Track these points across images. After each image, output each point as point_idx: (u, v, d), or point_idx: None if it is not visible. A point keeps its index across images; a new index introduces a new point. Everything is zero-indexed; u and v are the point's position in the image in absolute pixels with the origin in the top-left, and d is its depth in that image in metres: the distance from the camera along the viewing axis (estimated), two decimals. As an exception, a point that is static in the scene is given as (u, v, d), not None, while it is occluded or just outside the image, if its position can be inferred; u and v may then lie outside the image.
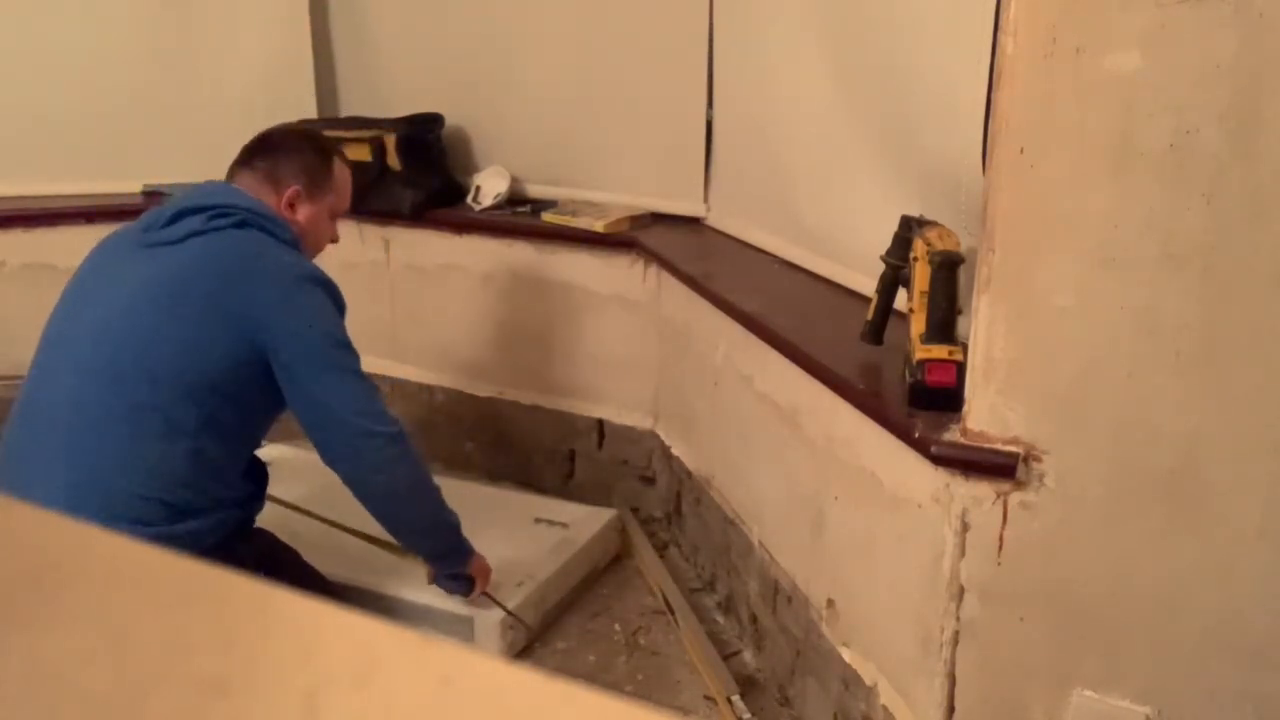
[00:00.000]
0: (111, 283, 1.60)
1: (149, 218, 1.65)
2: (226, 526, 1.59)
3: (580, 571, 2.14)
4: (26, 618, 0.33)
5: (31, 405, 1.58)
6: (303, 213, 1.72)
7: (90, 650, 0.31)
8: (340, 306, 1.66)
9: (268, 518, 1.79)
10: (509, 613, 1.87)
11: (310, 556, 1.83)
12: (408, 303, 2.68)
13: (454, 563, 1.80)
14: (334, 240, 1.84)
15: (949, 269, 1.30)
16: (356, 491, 1.63)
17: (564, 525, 2.22)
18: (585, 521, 2.24)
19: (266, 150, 1.73)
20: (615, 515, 2.29)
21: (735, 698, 1.73)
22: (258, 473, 1.72)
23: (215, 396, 1.54)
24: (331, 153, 1.78)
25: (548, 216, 2.45)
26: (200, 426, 1.53)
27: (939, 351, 1.29)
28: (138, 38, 2.68)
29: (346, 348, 1.61)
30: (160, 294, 1.55)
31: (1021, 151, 1.09)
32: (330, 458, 1.60)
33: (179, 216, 1.61)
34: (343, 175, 1.80)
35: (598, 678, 1.87)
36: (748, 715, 1.70)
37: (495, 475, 2.62)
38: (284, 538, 1.82)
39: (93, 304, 1.59)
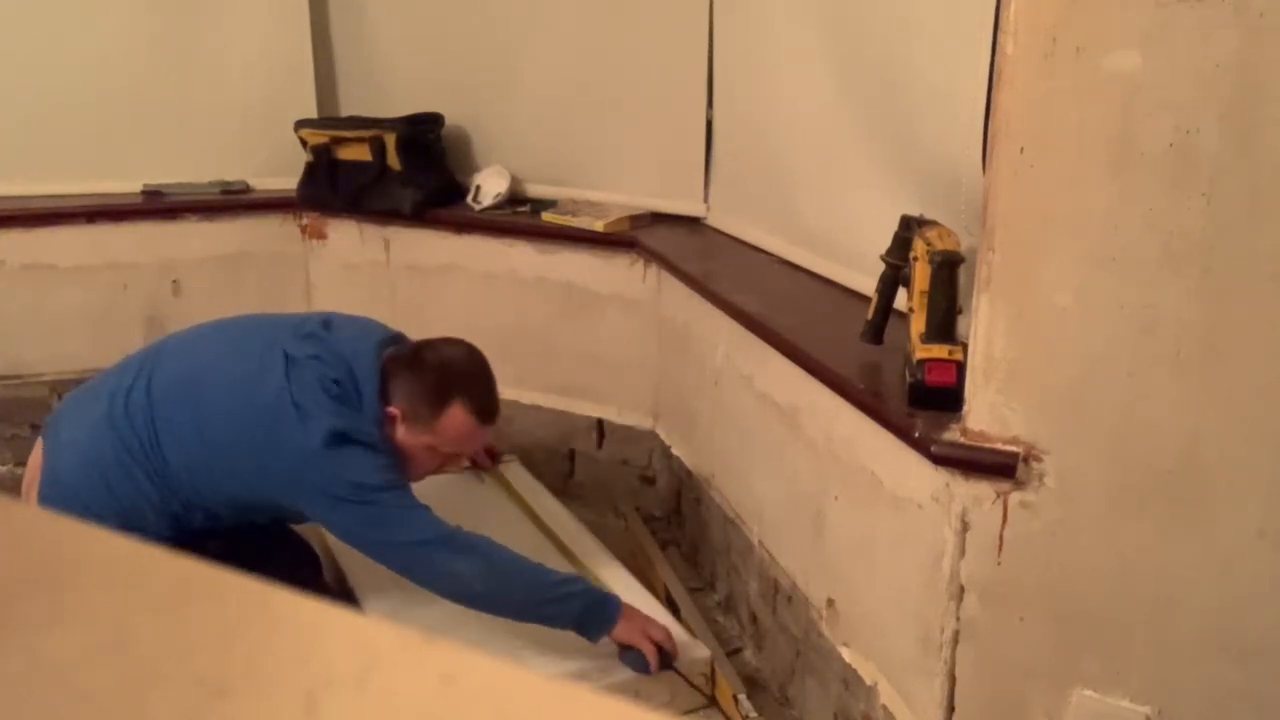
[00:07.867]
0: (230, 335, 1.72)
1: (304, 322, 1.72)
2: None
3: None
4: (26, 618, 0.33)
5: (101, 380, 1.73)
6: (399, 432, 1.65)
7: (90, 650, 0.31)
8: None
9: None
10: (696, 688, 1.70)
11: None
12: (408, 302, 2.67)
13: (598, 623, 1.59)
14: (442, 471, 1.77)
15: (949, 269, 1.30)
16: (450, 599, 1.59)
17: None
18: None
19: (407, 358, 1.69)
20: (706, 658, 1.73)
21: (741, 696, 1.73)
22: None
23: (217, 495, 1.62)
24: (449, 401, 1.64)
25: (548, 216, 2.45)
26: (185, 499, 1.62)
27: (939, 351, 1.29)
28: (138, 38, 2.67)
29: (374, 488, 1.56)
30: (237, 391, 1.60)
31: (1021, 151, 1.09)
32: (407, 578, 1.59)
33: (311, 338, 1.65)
34: (458, 426, 1.66)
35: None
36: (754, 714, 1.70)
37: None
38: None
39: (203, 341, 1.73)
